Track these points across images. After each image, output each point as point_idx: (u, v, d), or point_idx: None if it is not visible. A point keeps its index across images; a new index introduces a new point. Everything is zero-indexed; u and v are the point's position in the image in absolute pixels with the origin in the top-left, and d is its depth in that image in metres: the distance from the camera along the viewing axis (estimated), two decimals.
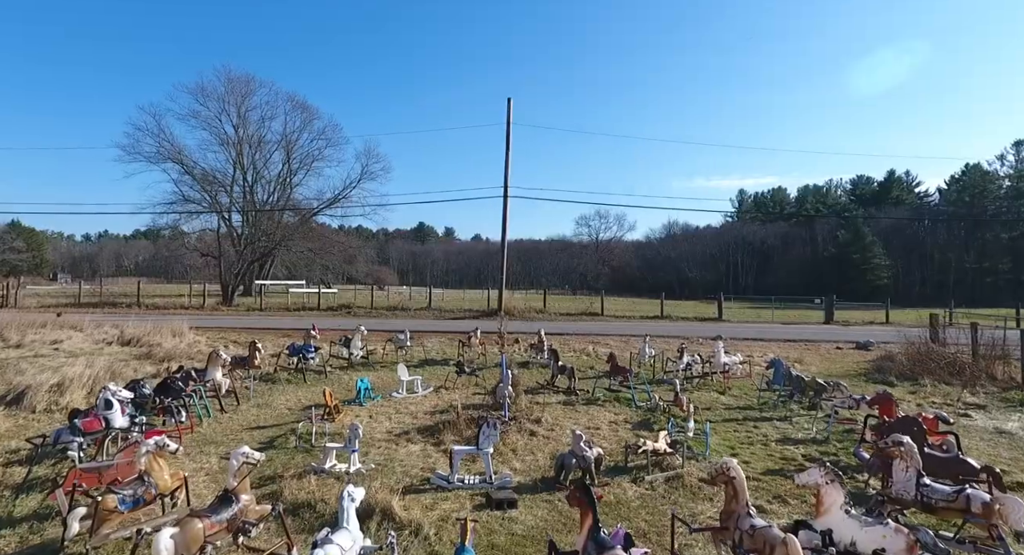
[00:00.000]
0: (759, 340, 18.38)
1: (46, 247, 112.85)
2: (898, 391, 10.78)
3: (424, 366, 12.66)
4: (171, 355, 13.17)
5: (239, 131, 46.93)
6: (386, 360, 13.28)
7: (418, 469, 6.10)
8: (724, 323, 24.99)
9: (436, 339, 17.42)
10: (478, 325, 16.36)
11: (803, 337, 19.51)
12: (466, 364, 11.13)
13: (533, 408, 8.41)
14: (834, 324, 24.62)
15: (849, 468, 6.25)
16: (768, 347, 16.79)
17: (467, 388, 10.49)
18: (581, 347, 16.02)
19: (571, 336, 18.74)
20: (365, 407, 8.95)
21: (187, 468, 5.96)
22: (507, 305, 26.63)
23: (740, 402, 9.69)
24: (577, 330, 20.78)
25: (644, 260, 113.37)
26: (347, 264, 61.40)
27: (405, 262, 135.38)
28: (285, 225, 38.50)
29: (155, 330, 15.19)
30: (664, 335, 19.51)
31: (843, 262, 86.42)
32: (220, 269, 32.75)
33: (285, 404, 9.14)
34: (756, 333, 20.70)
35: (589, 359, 14.30)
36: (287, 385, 10.47)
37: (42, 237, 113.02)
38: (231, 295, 31.35)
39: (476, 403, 9.16)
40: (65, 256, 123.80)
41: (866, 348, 16.27)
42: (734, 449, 6.92)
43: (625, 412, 8.76)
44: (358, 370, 12.01)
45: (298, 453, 6.61)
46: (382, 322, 23.00)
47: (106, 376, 9.65)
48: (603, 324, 24.09)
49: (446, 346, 15.93)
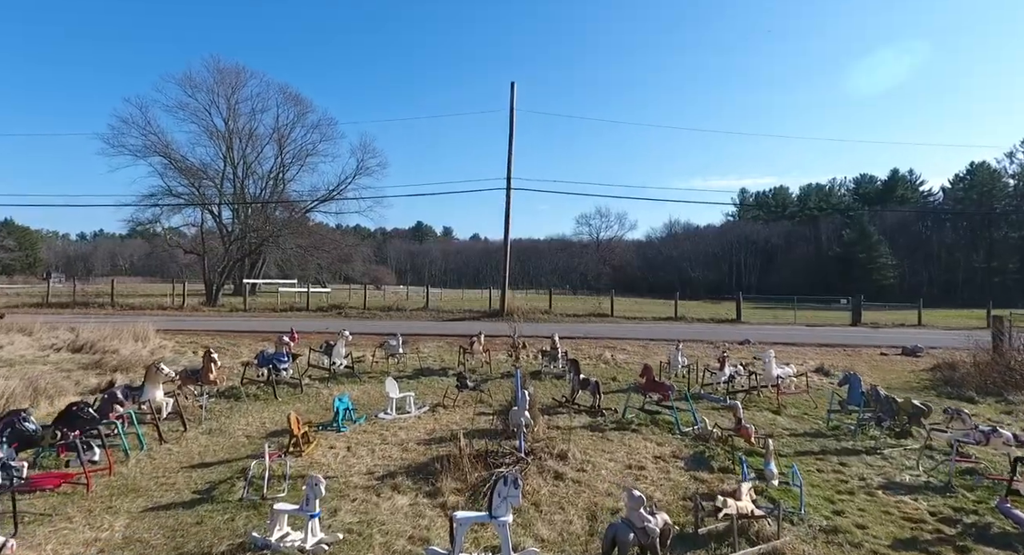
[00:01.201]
0: (791, 345, 16.64)
1: (40, 246, 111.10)
2: (985, 409, 9.06)
3: (419, 378, 10.88)
4: (126, 364, 11.37)
5: (229, 124, 45.13)
6: (375, 369, 11.50)
7: (405, 539, 4.32)
8: (743, 325, 23.26)
9: (433, 343, 15.66)
10: (481, 328, 14.61)
11: (836, 341, 17.78)
12: (468, 377, 9.36)
13: (556, 438, 6.66)
14: (863, 326, 22.91)
15: (1007, 538, 4.49)
16: (803, 353, 15.05)
17: (469, 405, 8.73)
18: (596, 353, 14.26)
19: (581, 340, 16.99)
20: (344, 433, 7.17)
21: (74, 540, 4.17)
22: (510, 305, 24.87)
23: (803, 425, 7.92)
24: (587, 333, 19.02)
25: (645, 259, 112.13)
26: (343, 263, 59.61)
27: (403, 262, 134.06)
28: (274, 220, 36.61)
29: (114, 334, 13.39)
30: (683, 339, 17.78)
31: (848, 261, 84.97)
32: (204, 267, 30.87)
33: (245, 429, 7.35)
34: (783, 336, 18.97)
35: (608, 368, 12.53)
36: (253, 403, 8.68)
37: (36, 236, 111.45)
38: (216, 295, 29.48)
39: (482, 428, 7.40)
40: (60, 255, 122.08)
41: (914, 354, 14.54)
42: (832, 502, 5.16)
43: (669, 441, 6.99)
44: (341, 382, 10.24)
45: (243, 510, 4.83)
46: (375, 324, 21.21)
47: (26, 393, 7.86)
48: (613, 326, 22.34)
49: (444, 351, 14.18)
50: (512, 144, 23.50)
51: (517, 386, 6.58)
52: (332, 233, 49.35)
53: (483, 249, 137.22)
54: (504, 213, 23.98)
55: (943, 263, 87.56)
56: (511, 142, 23.56)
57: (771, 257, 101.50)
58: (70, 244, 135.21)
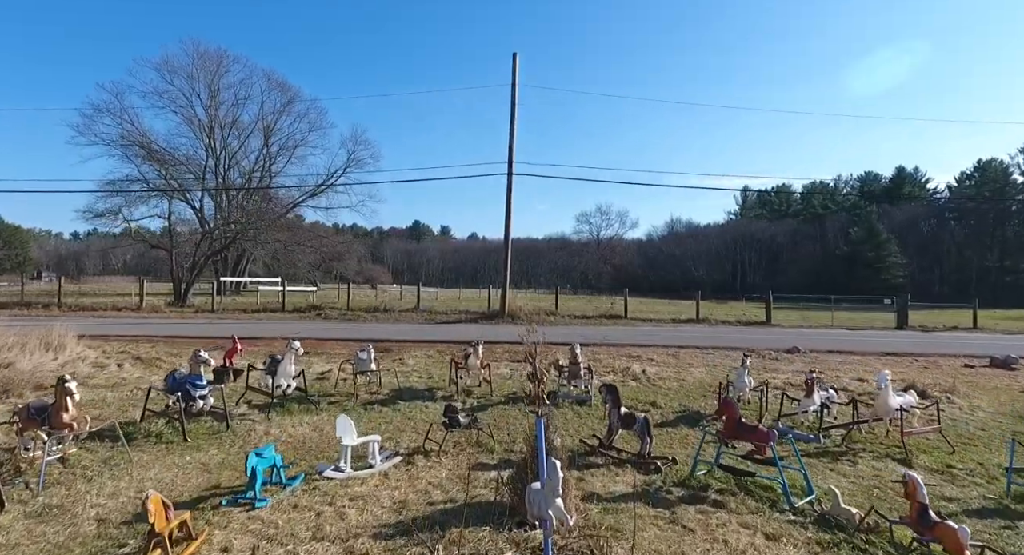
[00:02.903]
0: (846, 354, 14.03)
1: (30, 244, 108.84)
2: None
3: (395, 403, 8.19)
4: (19, 382, 8.68)
5: (211, 112, 42.32)
6: (341, 391, 8.84)
7: None
8: (775, 328, 20.64)
9: (421, 352, 13.00)
10: (480, 335, 11.97)
11: (893, 347, 15.16)
12: (460, 409, 6.70)
13: (599, 525, 4.02)
14: (910, 330, 20.31)
15: None
16: (867, 364, 12.43)
17: (461, 450, 6.07)
18: (621, 365, 11.59)
19: (598, 348, 14.37)
20: (262, 509, 4.51)
21: None
22: (511, 306, 22.20)
23: (961, 489, 5.28)
24: (603, 338, 16.37)
25: (647, 258, 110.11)
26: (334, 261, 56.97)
27: (400, 261, 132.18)
28: (251, 211, 33.59)
29: (17, 342, 10.65)
30: (717, 346, 15.15)
31: (856, 260, 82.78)
32: (172, 263, 28.01)
33: (103, 506, 4.62)
34: (830, 342, 16.34)
35: (641, 387, 9.86)
36: (147, 449, 5.99)
37: (26, 234, 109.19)
38: (185, 294, 26.66)
39: (480, 498, 4.74)
40: (51, 254, 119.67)
41: (1008, 366, 11.92)
42: None
43: (781, 527, 4.33)
44: (290, 412, 7.55)
45: None
46: (356, 328, 18.50)
47: None
48: (629, 330, 19.68)
49: (434, 363, 11.52)
50: (514, 123, 20.79)
51: (540, 447, 3.88)
52: (317, 228, 46.54)
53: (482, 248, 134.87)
54: (505, 200, 21.28)
55: (953, 262, 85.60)
56: (513, 120, 20.85)
57: (776, 256, 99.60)
58: (62, 243, 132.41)
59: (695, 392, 9.44)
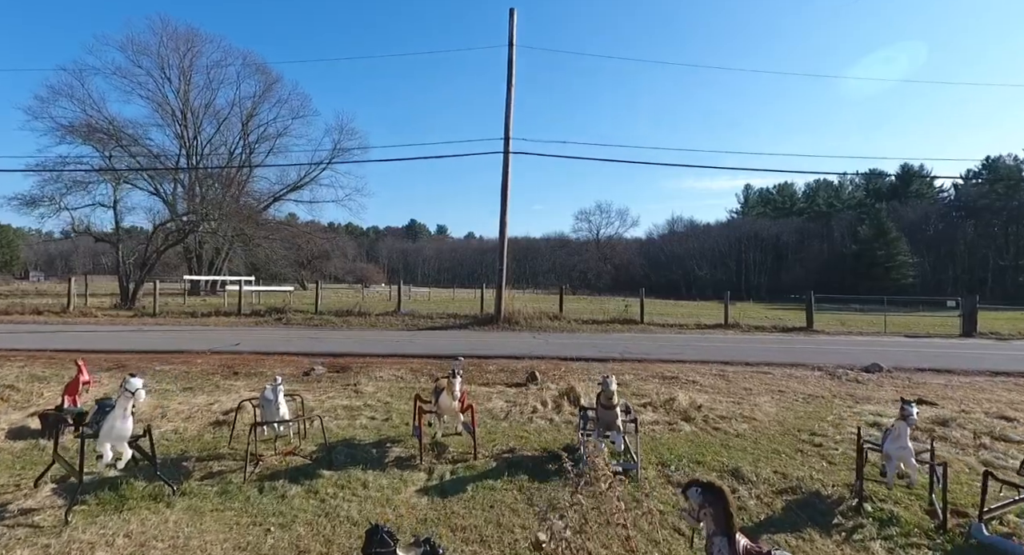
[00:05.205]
0: (942, 372, 10.88)
1: (18, 244, 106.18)
2: None
3: (316, 475, 4.95)
4: None
5: (181, 97, 38.99)
6: (234, 452, 5.55)
7: None
8: (820, 336, 17.48)
9: (389, 371, 9.78)
10: (466, 350, 8.76)
11: (997, 365, 12.03)
12: (398, 537, 3.49)
13: None
14: (980, 337, 17.20)
15: None
16: (981, 388, 9.30)
17: None
18: (658, 391, 8.34)
19: (618, 364, 11.20)
20: None
21: None
22: (508, 309, 19.00)
23: None
24: (622, 351, 13.17)
25: (648, 257, 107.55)
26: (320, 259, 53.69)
27: (395, 260, 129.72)
28: (210, 200, 30.09)
29: None
30: (764, 362, 12.04)
31: (864, 259, 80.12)
32: (118, 258, 24.59)
33: None
34: (903, 355, 13.19)
35: (698, 432, 6.60)
36: None
37: (15, 234, 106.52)
38: (134, 294, 23.29)
39: None
40: (40, 254, 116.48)
41: None
42: None
43: None
44: (118, 509, 4.31)
45: None
46: (316, 336, 15.24)
47: None
48: (650, 338, 16.43)
49: (399, 392, 8.27)
50: (511, 91, 17.53)
51: None
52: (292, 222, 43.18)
53: (478, 247, 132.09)
54: (501, 183, 18.04)
55: (965, 260, 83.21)
56: (510, 89, 17.59)
57: (781, 255, 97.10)
58: (53, 242, 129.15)
59: (780, 442, 6.23)
